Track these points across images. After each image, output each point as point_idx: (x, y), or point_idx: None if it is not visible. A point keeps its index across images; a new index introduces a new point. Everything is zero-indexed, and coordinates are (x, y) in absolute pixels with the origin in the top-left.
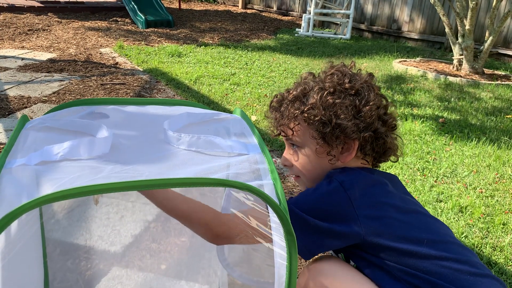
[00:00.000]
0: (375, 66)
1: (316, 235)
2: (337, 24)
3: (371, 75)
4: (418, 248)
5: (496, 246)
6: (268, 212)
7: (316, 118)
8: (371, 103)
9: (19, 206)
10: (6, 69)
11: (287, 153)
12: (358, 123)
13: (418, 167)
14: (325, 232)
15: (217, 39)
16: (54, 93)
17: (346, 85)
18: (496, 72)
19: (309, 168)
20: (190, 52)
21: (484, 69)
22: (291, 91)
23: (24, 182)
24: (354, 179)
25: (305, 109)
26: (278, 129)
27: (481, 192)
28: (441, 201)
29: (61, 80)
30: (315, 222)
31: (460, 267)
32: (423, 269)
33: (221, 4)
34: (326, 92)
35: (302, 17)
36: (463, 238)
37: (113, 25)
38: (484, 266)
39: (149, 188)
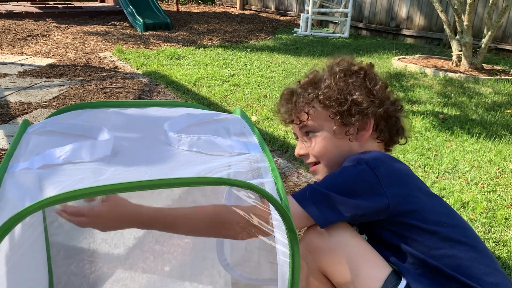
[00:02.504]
0: (375, 64)
1: (340, 208)
2: (335, 23)
3: (371, 64)
4: (439, 229)
5: (499, 240)
6: (270, 210)
7: (333, 98)
8: (380, 83)
9: (23, 209)
10: (6, 75)
11: (301, 143)
12: (373, 100)
13: (420, 164)
14: (352, 206)
15: (216, 41)
16: (54, 98)
17: (355, 67)
18: (495, 67)
19: (327, 151)
20: (189, 54)
21: (483, 64)
22: (301, 81)
23: (27, 186)
24: (379, 159)
25: (320, 92)
26: (292, 116)
27: (483, 187)
28: (443, 197)
29: (61, 85)
30: (342, 198)
31: (477, 256)
32: (440, 253)
33: (219, 5)
34: (337, 76)
35: (300, 17)
36: None
37: (112, 29)
38: (496, 260)
39: (152, 188)
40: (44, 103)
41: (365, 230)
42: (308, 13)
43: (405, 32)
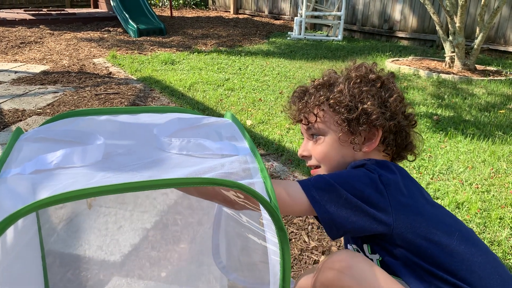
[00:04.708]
0: None
1: (344, 208)
2: (329, 26)
3: (392, 74)
4: (449, 241)
5: (494, 240)
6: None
7: (343, 104)
8: (395, 95)
9: (16, 211)
10: None
11: (306, 144)
12: (384, 112)
13: (414, 165)
14: (356, 208)
15: (210, 45)
16: (48, 105)
17: (372, 75)
18: (488, 68)
19: (330, 157)
20: (183, 59)
21: (476, 65)
22: (315, 81)
23: (19, 191)
24: (385, 169)
25: (332, 95)
26: (300, 116)
27: (477, 187)
28: (437, 198)
29: (55, 92)
30: (347, 195)
31: (489, 265)
32: (453, 268)
33: (213, 10)
34: (352, 81)
35: (294, 20)
36: None
37: (106, 35)
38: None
39: (141, 190)
40: (38, 110)
41: (378, 248)
42: (301, 16)
43: (399, 34)
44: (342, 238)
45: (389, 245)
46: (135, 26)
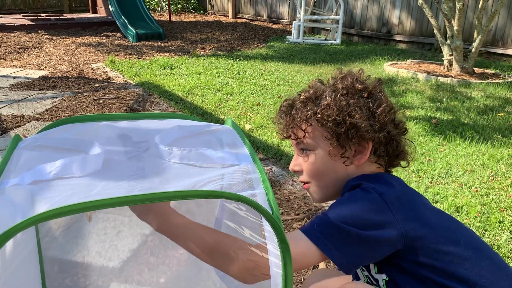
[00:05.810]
0: (367, 70)
1: (358, 246)
2: (327, 30)
3: (380, 81)
4: (457, 249)
5: (493, 244)
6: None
7: (330, 118)
8: (383, 105)
9: (14, 225)
10: None
11: (297, 159)
12: (373, 124)
13: (413, 169)
14: (368, 241)
15: (209, 50)
16: (47, 110)
17: (359, 86)
18: (486, 71)
19: (322, 172)
20: (182, 63)
21: (474, 68)
22: (302, 94)
23: (18, 202)
24: (383, 184)
25: (319, 110)
26: (288, 132)
27: (476, 191)
28: (437, 201)
29: (54, 97)
30: (358, 232)
31: (495, 267)
32: (463, 276)
33: (211, 14)
34: (339, 94)
35: (292, 25)
36: None
37: (104, 40)
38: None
39: (142, 203)
40: (37, 116)
41: (386, 267)
42: (300, 20)
43: (397, 37)
44: None
45: (398, 260)
46: (134, 31)
